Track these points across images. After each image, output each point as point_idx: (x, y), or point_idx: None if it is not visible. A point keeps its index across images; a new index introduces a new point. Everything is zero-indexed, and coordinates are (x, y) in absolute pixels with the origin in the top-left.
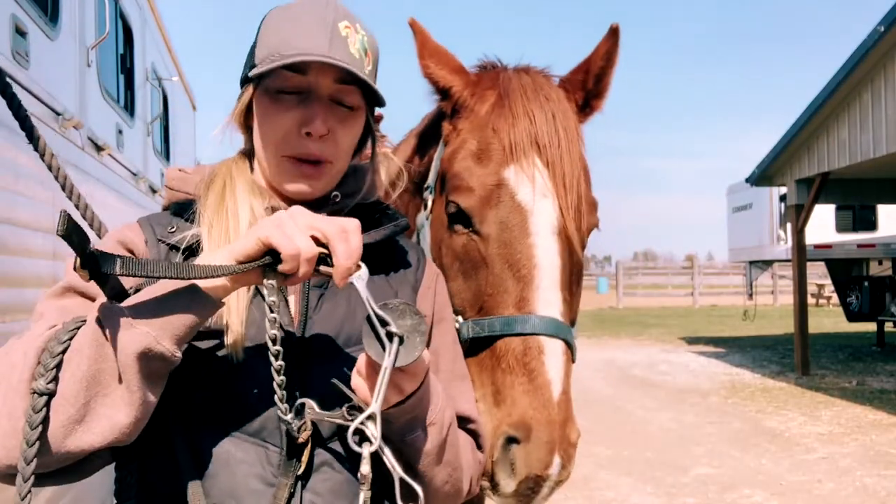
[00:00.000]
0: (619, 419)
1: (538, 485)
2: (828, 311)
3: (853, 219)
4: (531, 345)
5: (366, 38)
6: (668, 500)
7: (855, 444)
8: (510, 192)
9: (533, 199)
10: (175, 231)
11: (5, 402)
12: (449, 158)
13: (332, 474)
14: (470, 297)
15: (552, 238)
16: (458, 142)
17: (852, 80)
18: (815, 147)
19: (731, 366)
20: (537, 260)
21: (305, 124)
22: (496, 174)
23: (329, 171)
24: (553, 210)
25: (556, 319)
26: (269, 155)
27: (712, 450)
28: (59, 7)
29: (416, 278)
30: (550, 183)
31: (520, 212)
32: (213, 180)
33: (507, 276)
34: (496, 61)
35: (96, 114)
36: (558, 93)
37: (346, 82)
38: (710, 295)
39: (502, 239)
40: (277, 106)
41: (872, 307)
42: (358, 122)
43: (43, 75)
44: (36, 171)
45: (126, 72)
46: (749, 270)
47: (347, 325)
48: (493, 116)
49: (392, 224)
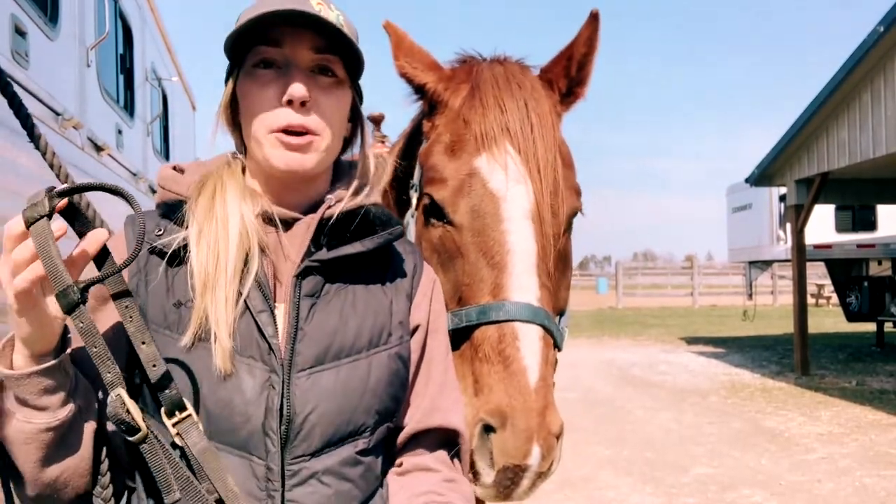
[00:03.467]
0: (619, 419)
1: (518, 475)
2: (827, 311)
3: (853, 219)
4: (506, 331)
5: (341, 17)
6: (668, 500)
7: (854, 444)
8: (482, 180)
9: (506, 185)
10: (162, 234)
11: None
12: (425, 153)
13: (319, 487)
14: (450, 289)
15: (526, 223)
16: (434, 136)
17: (852, 80)
18: (815, 147)
19: (730, 366)
20: (510, 246)
21: (285, 92)
22: (468, 164)
23: (318, 145)
24: (527, 195)
25: (531, 305)
26: (256, 134)
27: (712, 450)
28: (59, 7)
29: (412, 286)
30: (524, 168)
31: (492, 199)
32: (204, 184)
33: (481, 264)
34: (474, 54)
35: (96, 114)
36: (533, 81)
37: (323, 51)
38: (710, 295)
39: (475, 227)
40: (256, 83)
41: (872, 307)
42: (343, 96)
43: (42, 75)
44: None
45: (126, 72)
46: (749, 270)
47: (339, 335)
48: (465, 108)
49: (386, 232)
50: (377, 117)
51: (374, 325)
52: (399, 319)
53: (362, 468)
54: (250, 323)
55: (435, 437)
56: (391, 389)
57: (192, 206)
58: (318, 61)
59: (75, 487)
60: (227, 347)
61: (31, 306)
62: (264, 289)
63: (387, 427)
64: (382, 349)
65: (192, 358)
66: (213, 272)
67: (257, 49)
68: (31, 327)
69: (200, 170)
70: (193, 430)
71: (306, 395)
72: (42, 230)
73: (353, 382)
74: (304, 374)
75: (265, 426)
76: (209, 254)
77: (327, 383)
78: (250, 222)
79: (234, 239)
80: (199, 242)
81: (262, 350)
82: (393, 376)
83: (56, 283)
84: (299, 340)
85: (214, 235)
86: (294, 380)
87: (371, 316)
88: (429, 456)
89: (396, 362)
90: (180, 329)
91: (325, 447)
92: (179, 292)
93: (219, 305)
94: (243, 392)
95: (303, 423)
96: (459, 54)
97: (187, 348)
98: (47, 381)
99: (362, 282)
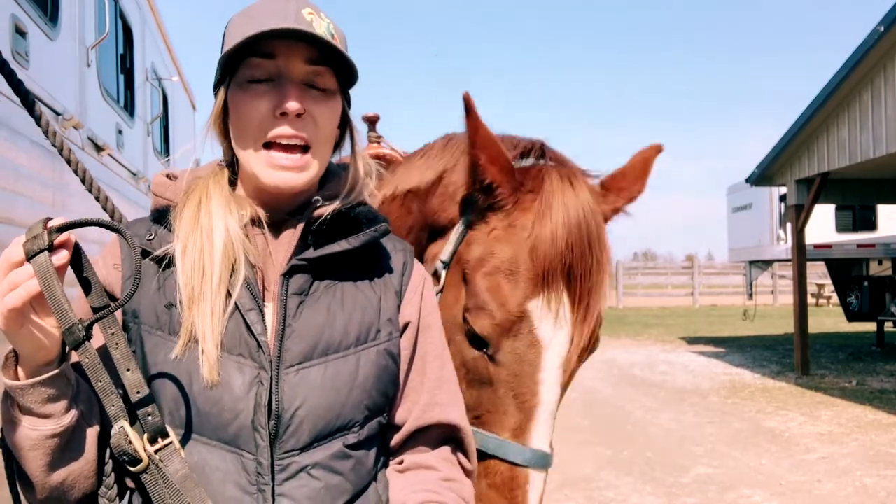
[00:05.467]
0: (619, 419)
1: None
2: (828, 311)
3: (853, 219)
4: (519, 475)
5: (331, 25)
6: (668, 500)
7: (855, 444)
8: (530, 325)
9: (552, 334)
10: (153, 239)
11: None
12: (475, 263)
13: (309, 481)
14: (471, 402)
15: (558, 372)
16: (487, 244)
17: (852, 80)
18: (815, 147)
19: (730, 366)
20: (541, 396)
21: (279, 105)
22: (520, 304)
23: (308, 163)
24: (567, 344)
25: (546, 454)
26: (247, 147)
27: (712, 450)
28: (59, 7)
29: (402, 283)
30: (571, 316)
31: (535, 347)
32: (190, 193)
33: (510, 402)
34: (541, 146)
35: (96, 114)
36: (598, 211)
37: (316, 62)
38: (710, 295)
39: (513, 370)
40: (249, 95)
41: (872, 307)
42: (335, 106)
43: (43, 75)
44: (36, 171)
45: (126, 72)
46: (749, 270)
47: (327, 332)
48: (531, 236)
49: (371, 230)
50: (372, 118)
51: (363, 321)
52: (388, 316)
53: (352, 462)
54: (239, 321)
55: (436, 434)
56: (380, 385)
57: (177, 213)
58: (311, 73)
59: (81, 489)
60: (213, 358)
61: (21, 324)
62: (253, 287)
63: (378, 422)
64: (371, 345)
65: (183, 358)
66: (198, 284)
67: (250, 61)
68: (31, 342)
69: (189, 177)
70: (175, 458)
71: (295, 391)
72: (44, 266)
73: (341, 378)
74: (292, 371)
75: (254, 422)
76: (194, 266)
77: (315, 379)
78: (235, 234)
79: (219, 251)
80: (185, 255)
81: (251, 347)
82: (382, 372)
83: (63, 321)
84: (287, 337)
85: (199, 247)
86: (283, 376)
87: (359, 313)
88: (430, 453)
89: (385, 358)
90: (171, 330)
91: (314, 441)
92: (170, 294)
93: (205, 318)
94: (232, 389)
95: (291, 418)
96: (525, 142)
97: (178, 352)
98: (50, 390)
99: (350, 279)
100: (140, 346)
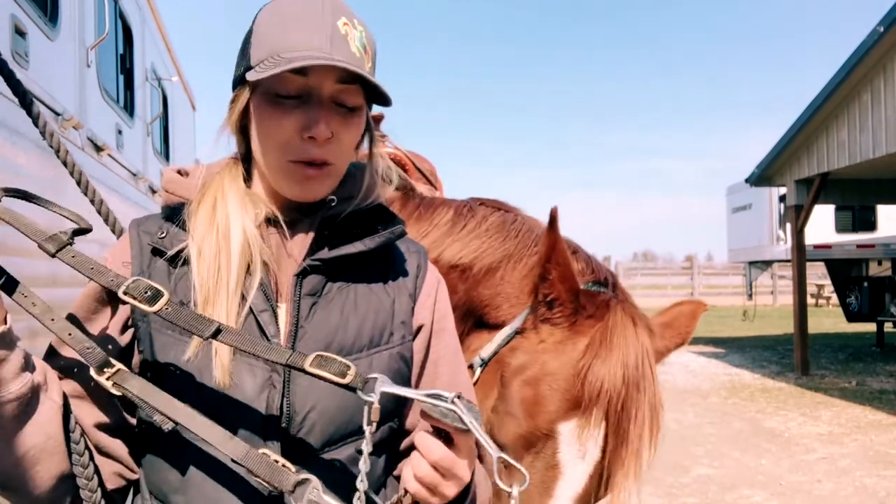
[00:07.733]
0: None
1: None
2: (827, 311)
3: (853, 219)
4: None
5: (364, 34)
6: (668, 500)
7: (854, 444)
8: (555, 447)
9: (574, 462)
10: (165, 237)
11: None
12: (516, 368)
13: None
14: None
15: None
16: (534, 355)
17: (852, 81)
18: (815, 147)
19: (730, 366)
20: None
21: (308, 129)
22: (552, 422)
23: (331, 172)
24: (585, 476)
25: None
26: (271, 161)
27: (712, 450)
28: (59, 7)
29: (416, 286)
30: (599, 451)
31: (554, 471)
32: (205, 191)
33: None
34: (615, 281)
35: (96, 114)
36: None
37: (347, 82)
38: (710, 295)
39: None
40: (277, 110)
41: (872, 307)
42: (360, 122)
43: (42, 75)
44: (36, 171)
45: (126, 72)
46: (749, 271)
47: (340, 334)
48: (583, 360)
49: (388, 231)
50: (377, 116)
51: (376, 324)
52: (401, 319)
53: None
54: (252, 323)
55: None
56: None
57: (192, 211)
58: (340, 91)
59: (47, 468)
60: (226, 360)
61: None
62: (266, 288)
63: (389, 427)
64: (384, 348)
65: (195, 359)
66: (214, 286)
67: (282, 76)
68: None
69: (205, 173)
70: (132, 379)
71: (306, 394)
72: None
73: None
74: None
75: (265, 424)
76: (210, 268)
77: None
78: (252, 235)
79: (237, 253)
80: (201, 256)
81: None
82: (395, 376)
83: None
84: (300, 339)
85: (216, 248)
86: (294, 378)
87: (372, 315)
88: None
89: (398, 362)
90: (183, 329)
91: (326, 446)
92: (182, 293)
93: (220, 320)
94: (244, 391)
95: (303, 422)
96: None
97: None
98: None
99: (364, 281)
100: (149, 345)
